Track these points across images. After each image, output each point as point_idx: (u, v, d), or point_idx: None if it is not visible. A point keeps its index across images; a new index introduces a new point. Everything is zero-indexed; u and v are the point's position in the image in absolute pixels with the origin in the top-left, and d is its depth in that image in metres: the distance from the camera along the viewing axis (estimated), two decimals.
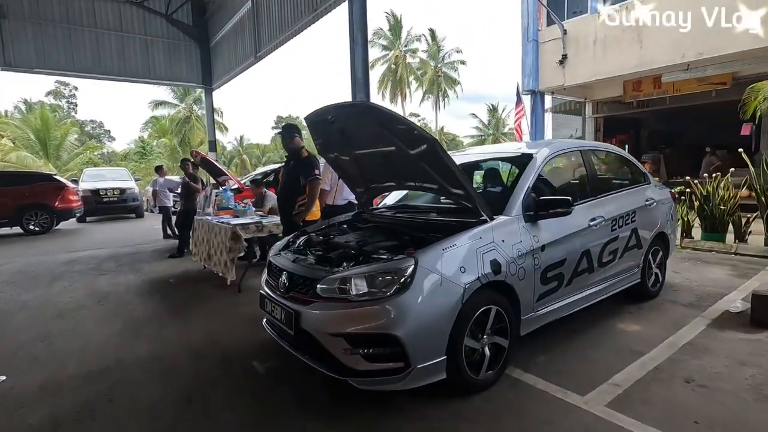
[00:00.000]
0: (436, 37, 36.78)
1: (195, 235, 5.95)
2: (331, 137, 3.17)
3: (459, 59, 37.21)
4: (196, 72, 16.03)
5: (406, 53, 35.62)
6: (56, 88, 47.48)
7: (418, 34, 36.62)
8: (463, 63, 37.43)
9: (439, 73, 36.95)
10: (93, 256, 7.43)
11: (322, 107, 2.94)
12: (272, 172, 8.65)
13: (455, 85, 37.56)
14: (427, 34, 36.66)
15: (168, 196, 9.21)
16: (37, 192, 10.79)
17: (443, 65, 37.17)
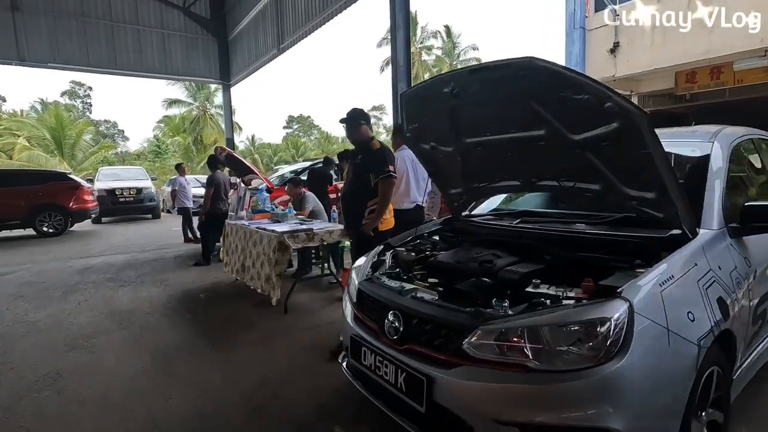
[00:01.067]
0: (451, 34, 35.84)
1: (226, 241, 5.15)
2: (435, 119, 2.31)
3: (475, 57, 36.23)
4: (214, 67, 15.28)
5: (421, 50, 34.70)
6: (71, 88, 47.37)
7: (433, 30, 35.66)
8: (479, 61, 36.44)
9: None
10: (110, 263, 6.67)
11: (435, 77, 2.10)
12: (302, 171, 7.84)
13: None
14: (443, 30, 35.75)
15: (188, 197, 8.43)
16: (51, 192, 10.10)
17: (459, 63, 36.20)
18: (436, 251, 2.47)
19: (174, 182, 8.60)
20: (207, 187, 6.15)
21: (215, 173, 6.27)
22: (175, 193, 8.57)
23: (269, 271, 3.85)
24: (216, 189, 6.13)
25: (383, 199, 3.13)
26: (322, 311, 4.02)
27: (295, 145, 42.66)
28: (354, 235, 3.28)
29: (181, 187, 8.41)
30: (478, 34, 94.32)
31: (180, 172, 8.62)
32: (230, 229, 5.05)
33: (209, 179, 6.20)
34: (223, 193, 6.26)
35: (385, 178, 3.10)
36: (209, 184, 6.13)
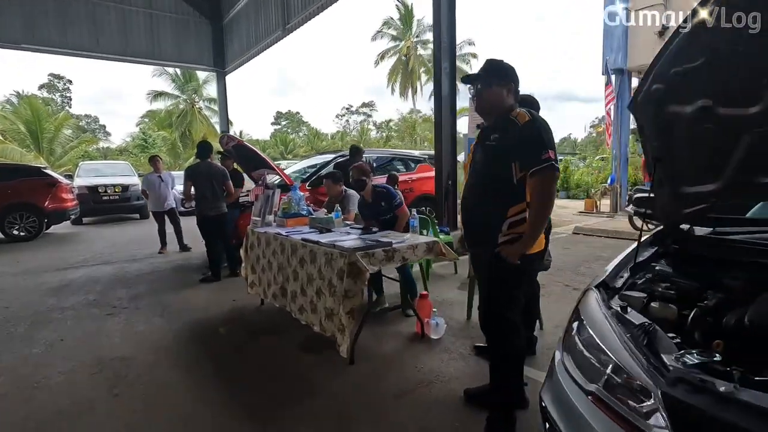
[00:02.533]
0: None
1: (251, 254, 3.89)
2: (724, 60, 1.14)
3: (471, 52, 35.20)
4: (208, 53, 13.80)
5: (417, 44, 33.49)
6: (50, 81, 44.82)
7: (429, 24, 34.42)
8: (475, 56, 35.42)
9: None
10: (94, 278, 5.31)
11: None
12: (324, 166, 6.55)
13: None
14: None
15: (170, 196, 6.85)
16: (22, 189, 8.58)
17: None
18: (696, 295, 1.31)
19: (147, 180, 6.83)
20: (185, 181, 4.96)
21: (197, 164, 5.03)
22: (145, 192, 6.96)
23: (335, 306, 2.62)
24: (195, 183, 4.92)
25: (540, 206, 1.90)
26: (403, 359, 2.81)
27: (284, 141, 41.21)
28: (484, 261, 2.06)
29: (150, 185, 6.74)
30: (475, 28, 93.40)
31: (154, 167, 6.87)
32: (255, 239, 3.78)
33: (186, 172, 5.04)
34: (210, 190, 4.96)
35: (543, 169, 1.87)
36: (186, 178, 4.96)
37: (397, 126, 51.30)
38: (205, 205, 4.92)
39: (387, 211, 3.62)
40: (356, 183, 3.67)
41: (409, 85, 33.77)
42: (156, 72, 25.87)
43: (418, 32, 33.60)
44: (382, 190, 3.69)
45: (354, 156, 5.93)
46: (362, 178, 3.63)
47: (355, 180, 3.65)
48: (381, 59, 33.33)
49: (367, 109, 59.95)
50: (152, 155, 7.26)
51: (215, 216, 4.99)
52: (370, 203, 3.69)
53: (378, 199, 3.65)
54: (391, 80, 33.89)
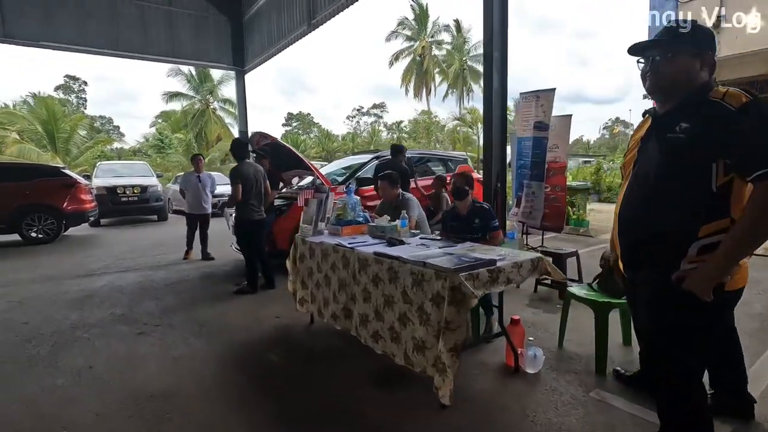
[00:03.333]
0: (461, 29, 34.11)
1: (301, 267, 3.40)
2: None
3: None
4: (227, 51, 13.39)
5: (432, 44, 32.96)
6: (65, 82, 45.16)
7: (444, 24, 33.91)
8: None
9: (465, 67, 34.30)
10: (118, 287, 4.86)
11: None
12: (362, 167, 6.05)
13: (481, 79, 34.89)
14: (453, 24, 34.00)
15: (207, 200, 6.34)
16: (41, 190, 8.21)
17: (469, 58, 34.51)
18: None
19: (185, 179, 6.35)
20: (232, 182, 4.39)
21: (242, 163, 4.51)
22: (184, 194, 6.34)
23: (428, 338, 2.11)
24: (245, 185, 4.39)
25: (762, 223, 1.36)
26: (505, 402, 2.29)
27: (295, 143, 41.01)
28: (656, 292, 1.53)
29: (188, 185, 6.22)
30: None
31: (195, 166, 6.34)
32: (307, 250, 3.29)
33: (234, 172, 4.41)
34: (257, 193, 4.48)
35: None
36: (235, 179, 4.34)
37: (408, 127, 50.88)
38: (249, 209, 4.43)
39: (479, 230, 3.11)
40: (457, 192, 3.18)
41: (423, 86, 33.26)
42: (171, 72, 25.66)
43: (432, 32, 33.10)
44: (482, 206, 3.20)
45: (396, 155, 5.43)
46: (466, 187, 3.14)
47: (457, 188, 3.17)
48: (395, 60, 32.87)
49: (378, 110, 59.58)
50: (194, 154, 6.75)
51: (259, 221, 4.52)
52: (463, 216, 3.19)
53: (474, 215, 3.14)
54: (404, 81, 33.40)
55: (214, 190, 6.43)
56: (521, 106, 5.80)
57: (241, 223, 4.46)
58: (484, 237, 3.10)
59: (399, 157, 5.43)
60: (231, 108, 27.73)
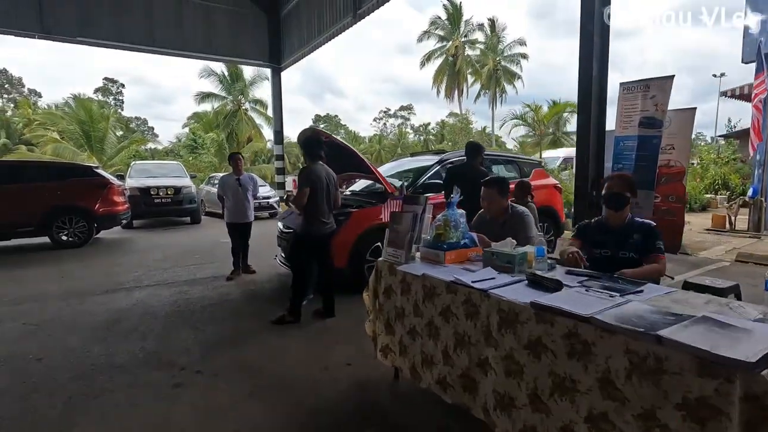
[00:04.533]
0: (495, 28, 32.83)
1: (384, 303, 2.52)
2: None
3: (521, 52, 33.16)
4: (263, 47, 12.76)
5: (465, 44, 31.83)
6: (104, 85, 46.27)
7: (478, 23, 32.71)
8: (524, 57, 33.37)
9: (498, 67, 32.98)
10: (150, 310, 4.11)
11: None
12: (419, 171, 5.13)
13: (515, 79, 33.51)
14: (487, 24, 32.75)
15: (249, 206, 5.44)
16: (72, 190, 7.68)
17: (503, 58, 33.17)
18: None
19: (223, 183, 5.43)
20: (301, 185, 3.54)
21: (315, 165, 3.65)
22: (222, 199, 5.42)
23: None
24: (315, 191, 3.55)
25: None
26: None
27: None
28: None
29: (227, 190, 5.30)
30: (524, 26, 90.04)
31: (234, 168, 5.37)
32: (398, 283, 2.41)
33: (304, 174, 3.56)
34: (328, 201, 3.65)
35: None
36: (305, 182, 3.50)
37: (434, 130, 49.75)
38: (318, 221, 3.60)
39: (635, 250, 2.19)
40: (616, 199, 2.30)
41: (455, 87, 32.15)
42: (204, 73, 25.49)
43: (466, 32, 31.96)
44: (645, 222, 2.28)
45: (474, 157, 4.50)
46: (626, 193, 2.23)
47: (615, 195, 2.28)
48: (427, 60, 31.86)
49: (405, 112, 58.82)
50: (232, 152, 5.92)
51: (329, 235, 3.71)
52: (615, 229, 2.28)
53: (632, 229, 2.23)
54: (436, 82, 32.36)
55: (257, 194, 5.65)
56: (622, 99, 4.78)
57: (305, 238, 3.62)
58: (636, 260, 2.19)
59: (477, 159, 4.50)
60: (262, 108, 27.45)
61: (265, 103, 27.55)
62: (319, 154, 3.63)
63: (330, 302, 3.75)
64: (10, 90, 43.39)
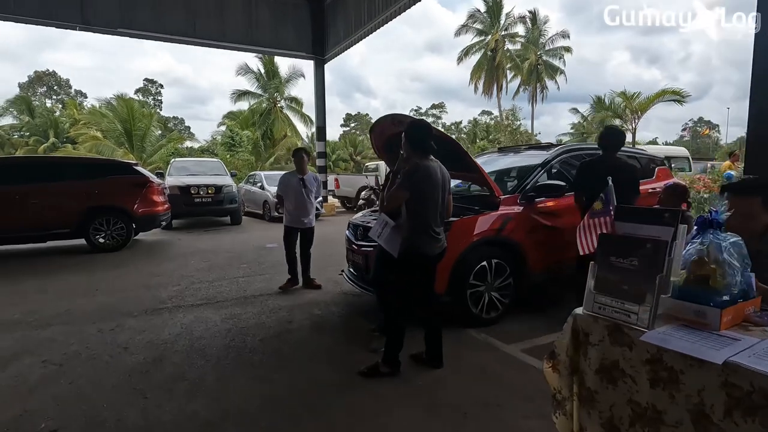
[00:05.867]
0: (537, 21, 31.07)
1: (602, 392, 1.46)
2: None
3: (564, 45, 31.28)
4: (306, 38, 11.95)
5: (505, 38, 30.24)
6: (144, 85, 47.35)
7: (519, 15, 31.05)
8: (568, 50, 31.45)
9: (540, 62, 31.21)
10: (197, 344, 3.21)
11: None
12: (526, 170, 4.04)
13: (557, 74, 31.64)
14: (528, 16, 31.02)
15: (312, 209, 4.59)
16: (110, 189, 7.00)
17: (544, 52, 31.38)
18: None
19: (284, 182, 4.60)
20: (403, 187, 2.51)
21: (426, 162, 2.53)
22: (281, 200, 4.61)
23: None
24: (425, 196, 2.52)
25: None
26: None
27: (353, 143, 39.93)
28: None
29: (288, 190, 4.50)
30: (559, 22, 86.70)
31: (297, 166, 4.54)
32: (639, 364, 1.35)
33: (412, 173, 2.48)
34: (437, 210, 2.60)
35: None
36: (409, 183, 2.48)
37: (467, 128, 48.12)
38: (426, 235, 2.60)
39: None
40: None
41: (494, 83, 30.62)
42: (240, 71, 25.08)
43: (506, 25, 30.36)
44: None
45: (615, 147, 3.38)
46: None
47: None
48: (465, 55, 30.47)
49: (437, 110, 57.43)
50: (297, 148, 5.05)
51: (441, 254, 2.71)
52: None
53: None
54: (474, 78, 30.93)
55: (320, 196, 4.72)
56: None
57: (407, 259, 2.60)
58: None
59: (615, 151, 3.38)
60: (297, 106, 26.85)
61: (300, 100, 26.97)
62: (432, 148, 2.60)
63: (437, 346, 2.73)
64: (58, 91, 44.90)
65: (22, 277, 5.21)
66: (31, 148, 26.31)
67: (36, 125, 29.28)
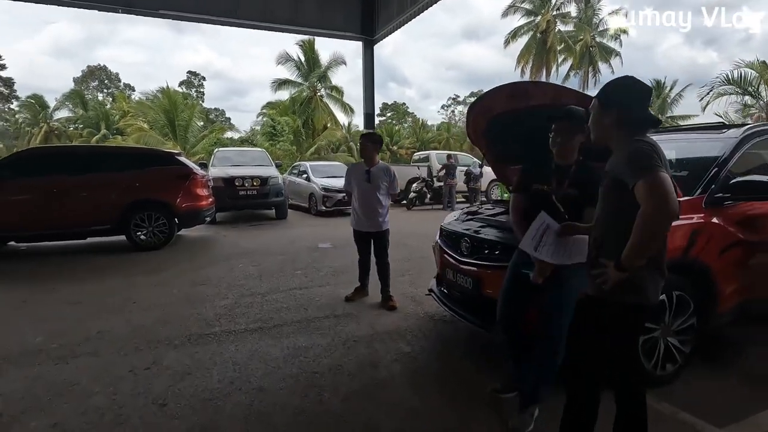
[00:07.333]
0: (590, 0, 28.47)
1: None
2: None
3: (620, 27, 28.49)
4: (355, 18, 10.91)
5: (555, 18, 27.94)
6: (188, 78, 48.02)
7: None
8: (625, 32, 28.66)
9: (593, 44, 28.70)
10: (262, 398, 2.31)
11: None
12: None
13: (612, 56, 29.02)
14: None
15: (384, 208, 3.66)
16: (152, 182, 6.31)
17: (597, 33, 28.80)
18: None
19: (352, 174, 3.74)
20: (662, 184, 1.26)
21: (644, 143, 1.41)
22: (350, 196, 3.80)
23: None
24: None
25: None
26: None
27: (390, 132, 38.55)
28: None
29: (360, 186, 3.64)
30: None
31: (365, 155, 3.64)
32: None
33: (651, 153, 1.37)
34: None
35: None
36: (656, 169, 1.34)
37: None
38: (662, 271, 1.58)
39: None
40: None
41: (543, 67, 28.44)
42: (281, 59, 24.44)
43: (558, 4, 27.99)
44: None
45: None
46: None
47: None
48: (512, 38, 28.41)
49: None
50: (364, 132, 4.14)
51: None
52: None
53: None
54: (521, 62, 28.85)
55: (395, 191, 3.71)
56: None
57: (623, 308, 1.51)
58: None
59: None
60: (337, 95, 25.97)
61: (340, 89, 26.07)
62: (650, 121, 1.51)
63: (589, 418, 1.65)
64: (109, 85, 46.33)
65: (56, 283, 4.56)
66: (85, 140, 26.96)
67: (89, 117, 30.07)
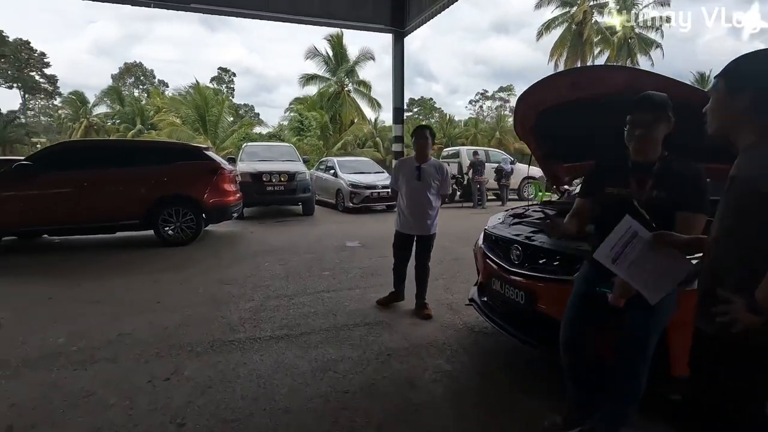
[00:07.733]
0: None
1: None
2: None
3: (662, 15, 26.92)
4: (385, 10, 10.58)
5: (593, 9, 26.68)
6: (218, 74, 48.89)
7: None
8: (668, 21, 27.05)
9: (632, 35, 27.28)
10: (295, 417, 2.07)
11: None
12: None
13: (652, 48, 27.53)
14: None
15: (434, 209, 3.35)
16: (180, 176, 6.22)
17: (636, 24, 27.30)
18: None
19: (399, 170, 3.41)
20: None
21: None
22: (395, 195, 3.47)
23: None
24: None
25: None
26: None
27: None
28: None
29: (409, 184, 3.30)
30: None
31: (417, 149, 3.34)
32: None
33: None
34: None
35: None
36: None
37: None
38: None
39: None
40: None
41: (579, 60, 27.24)
42: (309, 54, 24.41)
43: None
44: None
45: None
46: None
47: None
48: (546, 30, 27.35)
49: (504, 93, 53.62)
50: (419, 125, 3.80)
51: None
52: None
53: None
54: (555, 55, 27.76)
55: (448, 191, 3.39)
56: None
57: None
58: None
59: None
60: (365, 90, 25.75)
61: (368, 83, 25.84)
62: None
63: None
64: (144, 81, 47.79)
65: (83, 279, 4.49)
66: (122, 134, 27.84)
67: (125, 113, 31.05)
